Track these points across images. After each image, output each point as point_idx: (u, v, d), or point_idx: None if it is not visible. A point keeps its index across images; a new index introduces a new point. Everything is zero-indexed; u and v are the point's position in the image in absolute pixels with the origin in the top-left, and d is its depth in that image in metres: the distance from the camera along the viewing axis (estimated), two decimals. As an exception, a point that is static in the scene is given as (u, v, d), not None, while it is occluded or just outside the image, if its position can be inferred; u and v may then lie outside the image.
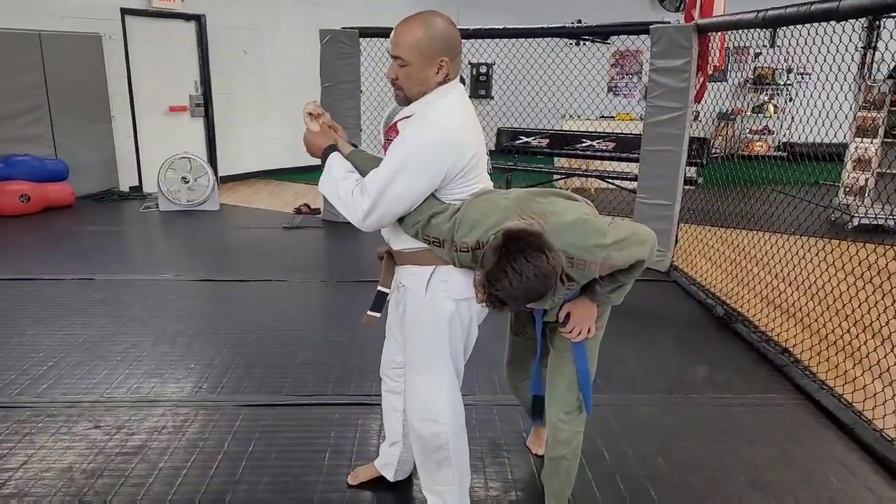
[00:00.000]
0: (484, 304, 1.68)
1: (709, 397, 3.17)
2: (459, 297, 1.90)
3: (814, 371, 3.35)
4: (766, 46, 9.90)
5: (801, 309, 4.00)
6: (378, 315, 2.10)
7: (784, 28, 3.73)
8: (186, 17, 8.08)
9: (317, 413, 2.94)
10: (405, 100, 1.87)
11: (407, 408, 2.10)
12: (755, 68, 10.88)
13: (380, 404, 2.39)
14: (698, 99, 4.92)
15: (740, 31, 4.44)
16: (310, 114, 1.99)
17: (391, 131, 1.93)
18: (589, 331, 1.95)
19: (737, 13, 4.12)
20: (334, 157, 1.92)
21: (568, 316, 1.93)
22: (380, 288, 2.08)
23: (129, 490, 2.38)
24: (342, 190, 1.86)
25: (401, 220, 1.87)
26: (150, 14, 7.72)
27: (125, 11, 7.49)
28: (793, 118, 10.44)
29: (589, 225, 1.71)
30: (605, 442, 2.74)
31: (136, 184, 7.96)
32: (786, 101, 10.88)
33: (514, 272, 1.54)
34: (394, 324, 2.19)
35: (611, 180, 7.31)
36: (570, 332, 1.94)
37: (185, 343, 3.65)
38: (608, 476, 2.52)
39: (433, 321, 1.93)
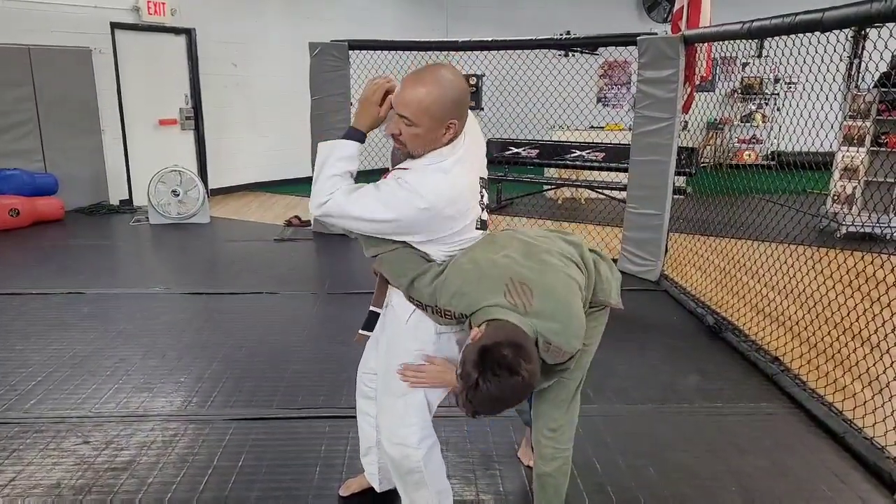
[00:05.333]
0: (464, 413, 1.68)
1: (700, 407, 3.17)
2: (442, 330, 1.88)
3: (804, 380, 3.36)
4: (753, 56, 10.04)
5: (790, 318, 4.02)
6: (370, 334, 2.10)
7: (771, 38, 3.78)
8: (176, 31, 8.08)
9: (307, 426, 2.93)
10: (407, 154, 1.79)
11: (378, 426, 2.09)
12: (743, 78, 10.99)
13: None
14: (686, 109, 4.96)
15: (727, 42, 4.49)
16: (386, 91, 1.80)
17: (384, 175, 1.84)
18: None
19: (723, 24, 4.17)
20: (353, 146, 1.81)
21: None
22: (372, 308, 2.06)
23: (118, 507, 2.36)
24: (329, 172, 1.78)
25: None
26: (140, 28, 7.72)
27: (115, 26, 7.49)
28: (780, 127, 10.54)
29: (572, 312, 1.72)
30: (597, 452, 2.74)
31: (127, 197, 7.93)
32: (773, 111, 10.99)
33: (488, 390, 1.57)
34: (378, 333, 2.18)
35: (600, 190, 7.34)
36: None
37: (175, 357, 3.63)
38: (599, 486, 2.52)
39: (411, 350, 1.91)
